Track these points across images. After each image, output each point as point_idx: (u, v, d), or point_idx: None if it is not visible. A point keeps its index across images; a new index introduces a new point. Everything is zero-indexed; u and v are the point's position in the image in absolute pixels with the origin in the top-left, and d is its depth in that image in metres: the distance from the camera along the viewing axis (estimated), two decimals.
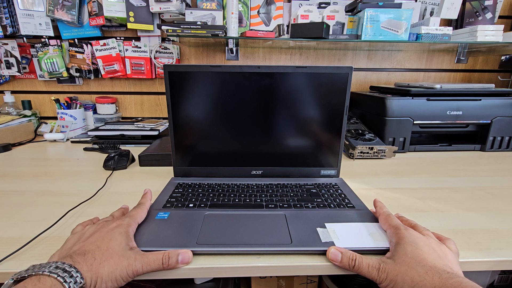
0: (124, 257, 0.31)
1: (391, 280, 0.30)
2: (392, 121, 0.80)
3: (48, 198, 0.51)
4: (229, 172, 0.58)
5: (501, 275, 0.72)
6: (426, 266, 0.29)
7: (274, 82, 0.53)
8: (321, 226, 0.39)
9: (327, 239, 0.36)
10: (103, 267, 0.29)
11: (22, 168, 0.67)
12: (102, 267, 0.29)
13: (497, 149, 0.85)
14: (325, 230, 0.38)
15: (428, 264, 0.29)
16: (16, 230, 0.40)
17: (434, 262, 0.30)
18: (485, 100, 0.80)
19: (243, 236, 0.37)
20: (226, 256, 0.35)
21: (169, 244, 0.35)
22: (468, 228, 0.42)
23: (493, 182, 0.61)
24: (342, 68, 0.52)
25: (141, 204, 0.43)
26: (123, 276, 0.30)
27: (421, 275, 0.28)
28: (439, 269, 0.28)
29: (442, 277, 0.27)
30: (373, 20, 0.84)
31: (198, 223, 0.40)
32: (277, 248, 0.35)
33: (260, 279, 0.71)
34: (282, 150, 0.57)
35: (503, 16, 1.06)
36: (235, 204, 0.46)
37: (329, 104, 0.54)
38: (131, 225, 0.36)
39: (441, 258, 0.30)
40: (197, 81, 0.52)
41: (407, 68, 1.12)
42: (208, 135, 0.56)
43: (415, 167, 0.70)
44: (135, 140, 0.87)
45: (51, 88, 1.09)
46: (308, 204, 0.46)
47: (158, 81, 1.10)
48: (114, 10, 0.93)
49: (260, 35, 0.86)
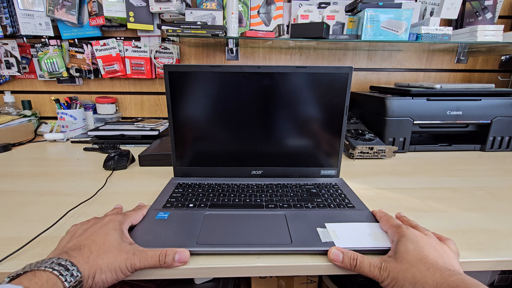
0: (122, 250, 0.31)
1: (393, 278, 0.29)
2: (392, 121, 0.80)
3: (48, 198, 0.51)
4: (229, 172, 0.58)
5: (501, 275, 0.72)
6: (428, 264, 0.29)
7: (274, 82, 0.53)
8: (321, 226, 0.39)
9: (327, 239, 0.36)
10: (101, 259, 0.29)
11: (22, 168, 0.67)
12: (101, 258, 0.29)
13: (497, 149, 0.85)
14: (325, 230, 0.38)
15: (430, 261, 0.29)
16: (16, 230, 0.40)
17: (436, 260, 0.29)
18: (485, 100, 0.80)
19: (243, 236, 0.37)
20: (226, 256, 0.35)
21: (169, 244, 0.35)
22: (468, 228, 0.42)
23: (493, 182, 0.61)
24: (342, 68, 0.52)
25: (138, 207, 0.43)
26: (122, 268, 0.30)
27: (423, 272, 0.28)
28: (441, 267, 0.28)
29: (444, 274, 0.27)
30: (373, 20, 0.84)
31: (198, 223, 0.40)
32: (277, 248, 0.35)
33: (260, 279, 0.71)
34: (282, 150, 0.57)
35: (503, 16, 1.06)
36: (235, 204, 0.46)
37: (329, 104, 0.54)
38: (124, 223, 0.36)
39: (442, 257, 0.30)
40: (197, 81, 0.52)
41: (407, 68, 1.12)
42: (208, 135, 0.56)
43: (415, 167, 0.70)
44: (135, 140, 0.87)
45: (51, 88, 1.09)
46: (308, 204, 0.46)
47: (158, 81, 1.10)
48: (114, 10, 0.93)
49: (260, 35, 0.86)
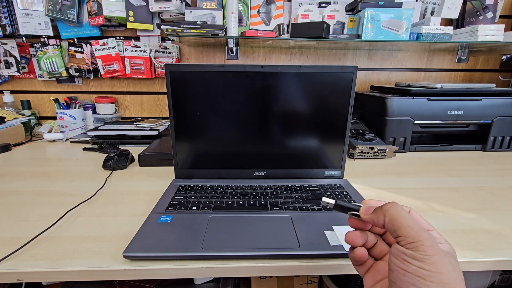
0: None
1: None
2: (392, 121, 0.80)
3: (47, 198, 0.51)
4: (231, 173, 0.57)
5: (502, 275, 0.72)
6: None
7: (278, 82, 0.52)
8: (328, 229, 0.39)
9: (336, 243, 0.36)
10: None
11: (21, 168, 0.67)
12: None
13: (498, 149, 0.84)
14: (333, 233, 0.38)
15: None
16: (16, 230, 0.40)
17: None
18: (486, 100, 0.80)
19: (250, 240, 0.37)
20: (233, 261, 0.34)
21: (174, 249, 0.34)
22: (469, 228, 0.42)
23: (494, 182, 0.60)
24: (347, 68, 0.52)
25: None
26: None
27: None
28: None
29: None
30: (374, 19, 0.84)
31: (202, 226, 0.39)
32: (285, 252, 0.35)
33: (260, 279, 0.70)
34: (285, 151, 0.56)
35: (504, 15, 1.06)
36: (239, 206, 0.46)
37: (333, 104, 0.54)
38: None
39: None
40: (199, 81, 0.52)
41: (407, 68, 1.12)
42: (210, 136, 0.55)
43: (415, 167, 0.70)
44: (135, 140, 0.87)
45: (51, 88, 1.08)
46: (314, 206, 0.46)
47: (158, 80, 1.09)
48: (114, 10, 0.93)
49: (260, 35, 0.86)
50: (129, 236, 0.38)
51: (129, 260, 0.34)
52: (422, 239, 0.22)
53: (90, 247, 0.37)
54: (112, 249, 0.36)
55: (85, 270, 0.33)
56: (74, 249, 0.36)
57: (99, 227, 0.41)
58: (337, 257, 0.35)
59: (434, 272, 0.21)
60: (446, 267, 0.21)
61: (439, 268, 0.21)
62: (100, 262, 0.34)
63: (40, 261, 0.34)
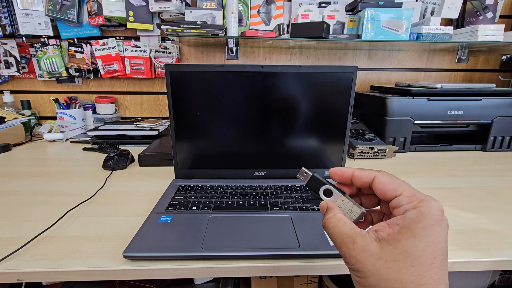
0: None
1: None
2: (392, 121, 0.80)
3: (47, 198, 0.51)
4: (231, 173, 0.57)
5: (502, 275, 0.72)
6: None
7: (278, 81, 0.52)
8: None
9: None
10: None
11: (21, 168, 0.67)
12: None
13: (498, 149, 0.84)
14: None
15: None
16: (16, 230, 0.40)
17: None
18: (486, 100, 0.80)
19: (249, 240, 0.37)
20: (233, 261, 0.35)
21: (174, 249, 0.34)
22: (469, 228, 0.42)
23: (494, 182, 0.60)
24: (347, 68, 0.52)
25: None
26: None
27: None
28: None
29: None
30: (374, 19, 0.84)
31: (202, 226, 0.40)
32: (285, 252, 0.35)
33: (260, 279, 0.70)
34: (285, 151, 0.56)
35: (504, 15, 1.06)
36: (239, 206, 0.46)
37: (333, 104, 0.54)
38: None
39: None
40: (199, 81, 0.52)
41: (407, 68, 1.12)
42: (210, 136, 0.55)
43: (415, 167, 0.70)
44: (135, 140, 0.87)
45: (50, 88, 1.08)
46: (314, 206, 0.46)
47: (158, 80, 1.09)
48: (114, 10, 0.93)
49: (260, 35, 0.86)
50: (129, 236, 0.38)
51: (129, 260, 0.34)
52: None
53: (90, 247, 0.37)
54: (112, 249, 0.36)
55: (85, 270, 0.33)
56: (74, 249, 0.36)
57: (99, 227, 0.41)
58: (337, 257, 0.35)
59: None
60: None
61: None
62: (100, 262, 0.34)
63: (40, 261, 0.34)
